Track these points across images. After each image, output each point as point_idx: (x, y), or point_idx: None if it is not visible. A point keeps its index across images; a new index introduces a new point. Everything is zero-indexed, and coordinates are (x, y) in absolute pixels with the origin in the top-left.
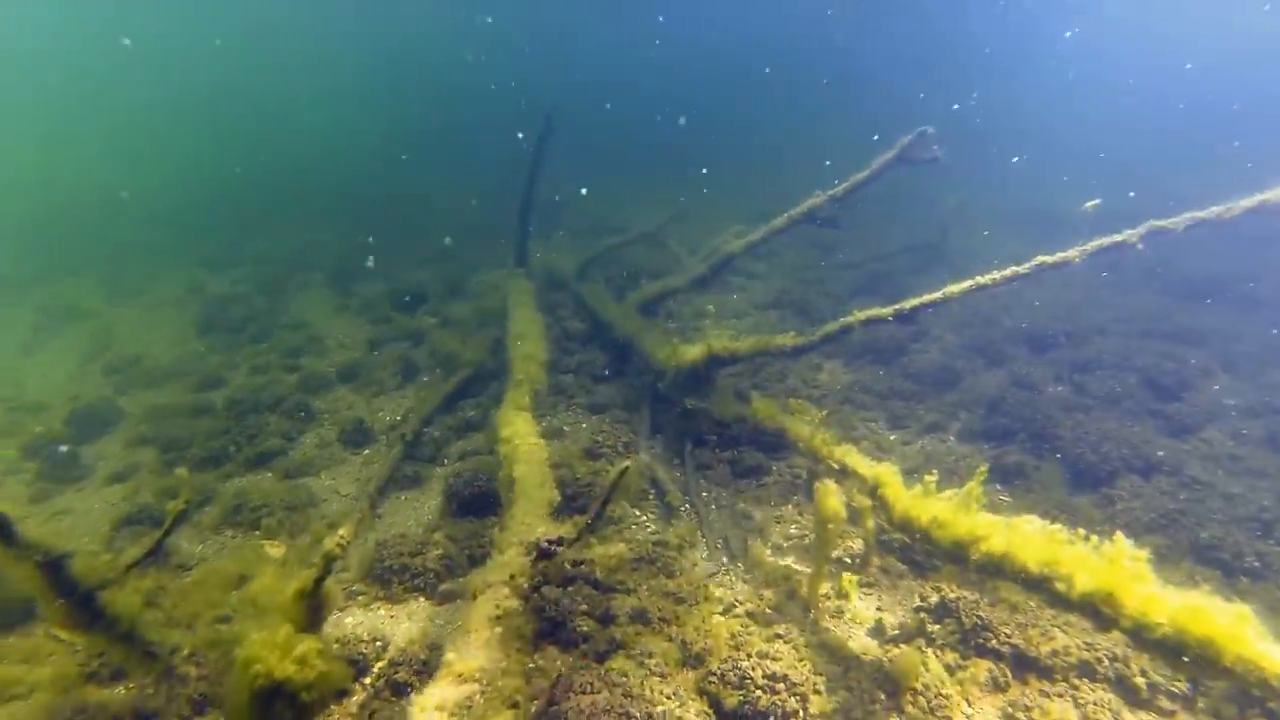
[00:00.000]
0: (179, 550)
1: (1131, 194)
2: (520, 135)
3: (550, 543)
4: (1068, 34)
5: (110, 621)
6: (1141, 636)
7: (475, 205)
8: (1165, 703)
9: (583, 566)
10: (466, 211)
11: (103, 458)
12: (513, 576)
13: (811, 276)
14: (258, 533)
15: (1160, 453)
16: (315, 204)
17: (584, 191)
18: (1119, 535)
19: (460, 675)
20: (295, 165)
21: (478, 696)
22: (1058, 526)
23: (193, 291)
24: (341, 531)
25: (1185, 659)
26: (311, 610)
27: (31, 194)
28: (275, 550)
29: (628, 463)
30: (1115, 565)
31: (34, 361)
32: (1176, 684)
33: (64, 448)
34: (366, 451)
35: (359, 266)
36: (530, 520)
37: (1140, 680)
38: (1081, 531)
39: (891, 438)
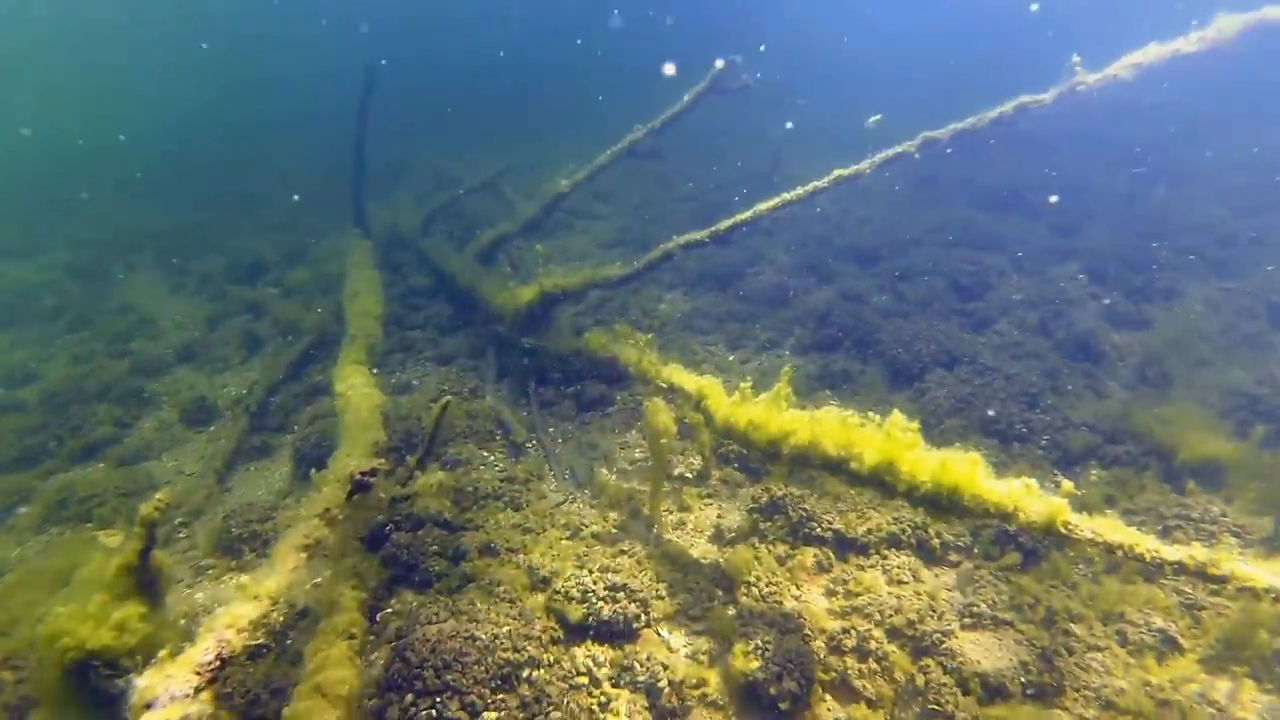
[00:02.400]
0: None
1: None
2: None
3: (364, 474)
4: None
5: None
6: (913, 495)
7: (312, 172)
8: (954, 556)
9: (405, 503)
10: (305, 179)
11: None
12: (327, 510)
13: (651, 214)
14: (89, 525)
15: (961, 346)
16: (135, 180)
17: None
18: (895, 412)
19: (255, 596)
20: (109, 138)
21: (274, 614)
22: (850, 412)
23: None
24: (159, 495)
25: (942, 506)
26: (143, 585)
27: None
28: (111, 539)
29: (447, 398)
30: (891, 438)
31: None
32: (962, 539)
33: None
34: (211, 429)
35: (192, 243)
36: (352, 459)
37: (935, 542)
38: (870, 414)
39: (730, 358)
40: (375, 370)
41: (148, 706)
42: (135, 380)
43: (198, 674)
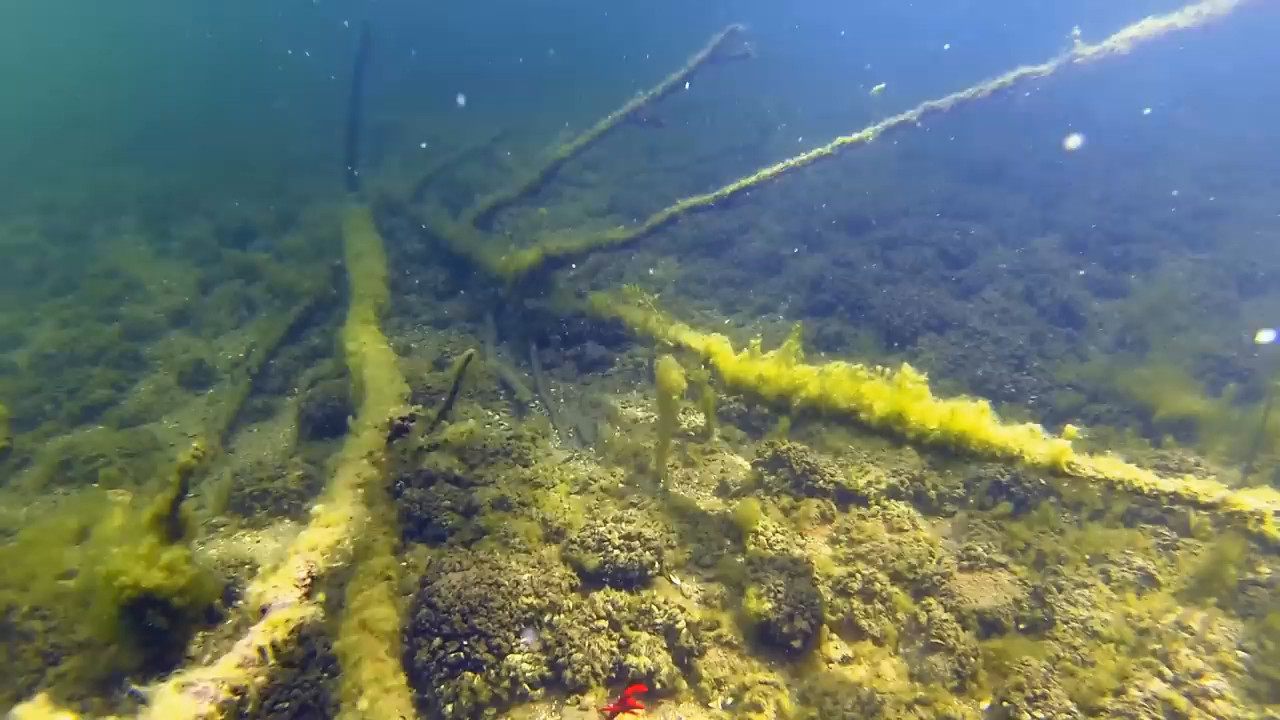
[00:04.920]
0: None
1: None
2: (308, 54)
3: (404, 419)
4: None
5: None
6: (921, 443)
7: (299, 137)
8: (950, 506)
9: (436, 449)
10: (293, 142)
11: None
12: (370, 452)
13: (641, 181)
14: (96, 485)
15: (951, 311)
16: (113, 141)
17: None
18: (905, 365)
19: (328, 523)
20: (85, 99)
21: (346, 540)
22: (860, 366)
23: None
24: (196, 444)
25: (950, 452)
26: (171, 536)
27: None
28: (121, 498)
29: (470, 350)
30: (901, 390)
31: None
32: (957, 491)
33: None
34: (210, 391)
35: (176, 207)
36: (383, 407)
37: (932, 493)
38: (879, 367)
39: (726, 322)
40: None
41: (263, 611)
42: (129, 344)
43: (298, 586)
